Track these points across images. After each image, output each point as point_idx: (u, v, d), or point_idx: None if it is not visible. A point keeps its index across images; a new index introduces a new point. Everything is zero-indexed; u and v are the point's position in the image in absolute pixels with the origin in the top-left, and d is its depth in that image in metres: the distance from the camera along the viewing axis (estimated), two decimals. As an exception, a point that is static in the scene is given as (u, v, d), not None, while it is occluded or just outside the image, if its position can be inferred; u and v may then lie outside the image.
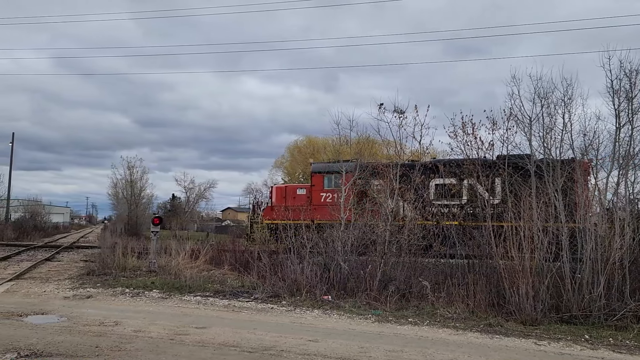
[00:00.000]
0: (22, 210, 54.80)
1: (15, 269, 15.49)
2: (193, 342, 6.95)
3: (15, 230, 35.67)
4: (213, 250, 15.91)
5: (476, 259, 10.47)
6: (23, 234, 34.95)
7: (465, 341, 7.45)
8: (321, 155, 37.44)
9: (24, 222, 43.68)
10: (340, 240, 11.46)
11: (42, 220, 51.77)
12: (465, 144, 11.41)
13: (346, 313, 9.27)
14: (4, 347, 6.42)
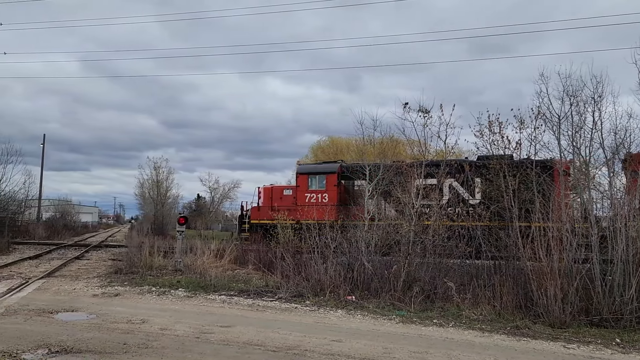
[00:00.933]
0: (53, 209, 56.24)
1: (47, 267, 15.90)
2: (218, 341, 7.02)
3: (47, 229, 36.63)
4: (237, 249, 16.03)
5: (503, 260, 10.31)
6: (54, 233, 35.87)
7: (491, 343, 7.34)
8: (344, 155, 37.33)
9: (55, 222, 44.82)
10: (364, 240, 11.41)
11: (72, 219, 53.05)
12: (492, 143, 11.23)
13: (370, 313, 9.24)
14: (36, 343, 6.60)
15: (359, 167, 20.86)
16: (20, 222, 34.27)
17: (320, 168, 21.49)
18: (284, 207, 21.30)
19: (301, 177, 21.49)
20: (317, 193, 20.76)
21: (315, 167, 21.57)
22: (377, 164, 19.10)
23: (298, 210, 20.66)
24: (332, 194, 20.43)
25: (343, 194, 20.65)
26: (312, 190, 20.96)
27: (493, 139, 11.18)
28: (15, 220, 32.03)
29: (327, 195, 20.53)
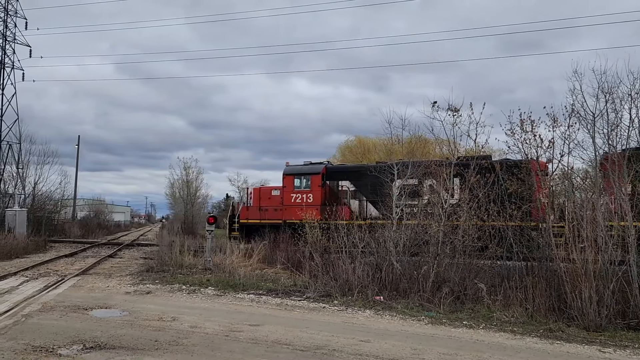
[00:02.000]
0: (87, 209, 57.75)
1: (81, 265, 16.34)
2: (247, 339, 7.08)
3: (81, 228, 37.65)
4: (266, 249, 16.14)
5: (535, 261, 10.08)
6: (88, 231, 36.84)
7: (523, 346, 7.19)
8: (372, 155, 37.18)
9: (89, 221, 46.02)
10: (392, 240, 11.34)
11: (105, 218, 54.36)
12: (524, 142, 10.97)
13: (398, 314, 9.17)
14: (71, 339, 6.78)
15: (344, 168, 21.31)
16: (57, 221, 35.28)
17: (306, 169, 22.06)
18: (272, 207, 22.01)
19: (287, 178, 21.90)
20: (302, 193, 21.26)
21: (301, 168, 22.24)
22: (363, 164, 19.63)
23: (285, 210, 21.31)
24: (316, 194, 20.93)
25: (328, 194, 21.07)
26: (298, 191, 21.42)
27: (525, 138, 10.92)
28: (51, 219, 32.99)
29: (311, 195, 21.03)
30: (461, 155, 14.07)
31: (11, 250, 18.65)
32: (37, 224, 27.30)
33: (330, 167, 21.92)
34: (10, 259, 17.57)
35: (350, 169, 21.96)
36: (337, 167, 22.00)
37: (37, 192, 31.22)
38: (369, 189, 19.91)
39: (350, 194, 21.01)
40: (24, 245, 20.60)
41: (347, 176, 21.19)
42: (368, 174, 19.85)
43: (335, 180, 21.30)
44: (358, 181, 20.72)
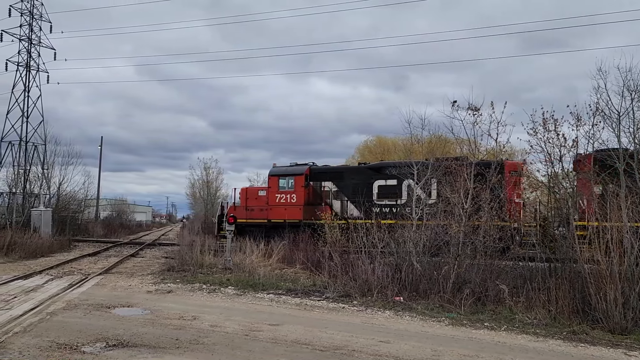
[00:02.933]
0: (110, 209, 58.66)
1: (104, 264, 16.61)
2: (266, 339, 7.11)
3: (104, 228, 38.26)
4: (285, 249, 16.19)
5: (558, 262, 9.91)
6: (110, 231, 37.43)
7: (546, 348, 7.08)
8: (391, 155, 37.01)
9: (112, 220, 46.73)
10: (412, 240, 11.26)
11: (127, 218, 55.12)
12: (546, 141, 10.79)
13: (418, 315, 9.10)
14: (95, 337, 6.90)
15: (327, 169, 22.56)
16: (80, 220, 35.94)
17: (290, 170, 22.68)
18: (258, 207, 22.65)
19: (272, 179, 22.52)
20: (286, 193, 21.92)
21: (285, 170, 22.89)
22: (345, 166, 20.36)
23: (270, 209, 22.07)
24: (299, 194, 21.57)
25: (311, 194, 21.69)
26: (282, 191, 22.05)
27: (548, 137, 10.75)
28: (75, 218, 33.62)
29: (295, 195, 21.69)
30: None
31: (37, 249, 19.05)
32: (62, 224, 27.84)
33: (314, 168, 22.56)
34: (35, 258, 17.95)
35: (332, 170, 22.68)
36: (320, 169, 22.73)
37: (62, 192, 31.85)
38: (350, 189, 20.84)
39: (333, 194, 21.66)
40: (49, 244, 21.02)
41: (330, 177, 21.93)
42: (349, 175, 21.27)
43: (318, 181, 21.95)
44: (340, 182, 21.47)
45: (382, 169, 20.25)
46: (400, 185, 19.46)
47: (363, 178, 20.64)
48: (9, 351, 6.09)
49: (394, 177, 19.15)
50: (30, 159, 32.82)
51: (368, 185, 20.34)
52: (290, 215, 21.54)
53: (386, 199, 19.92)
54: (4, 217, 28.05)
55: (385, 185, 20.07)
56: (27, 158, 32.74)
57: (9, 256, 17.31)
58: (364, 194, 19.86)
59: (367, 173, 20.84)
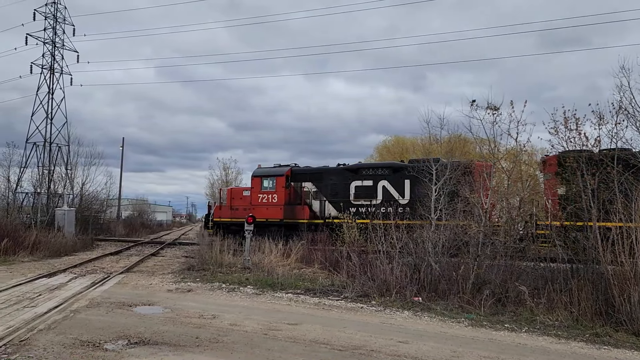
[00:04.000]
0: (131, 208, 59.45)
1: (126, 263, 16.87)
2: (285, 338, 7.14)
3: (126, 227, 38.80)
4: (303, 248, 16.24)
5: (580, 263, 9.75)
6: (132, 230, 37.96)
7: (568, 351, 6.98)
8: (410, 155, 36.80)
9: (133, 220, 47.34)
10: (431, 241, 11.20)
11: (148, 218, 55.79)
12: (568, 140, 10.61)
13: (437, 315, 9.05)
14: (117, 334, 7.01)
15: (307, 170, 23.43)
16: (102, 220, 36.50)
17: (272, 171, 23.56)
18: (242, 206, 23.55)
19: (255, 180, 23.41)
20: (268, 194, 22.88)
21: (267, 171, 23.77)
22: (324, 167, 23.10)
23: (253, 209, 22.61)
24: (280, 194, 22.53)
25: (292, 194, 22.55)
26: (264, 191, 22.98)
27: (569, 136, 10.57)
28: (98, 218, 34.17)
29: (276, 195, 22.67)
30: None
31: (60, 248, 19.42)
32: (84, 223, 28.31)
33: (295, 169, 23.32)
34: (59, 257, 18.31)
35: (312, 172, 23.27)
36: (301, 170, 23.52)
37: (85, 192, 32.38)
38: (329, 189, 21.87)
39: (312, 194, 22.36)
40: (72, 243, 21.42)
41: (309, 178, 22.66)
42: (327, 176, 22.20)
43: (299, 182, 22.70)
44: (319, 182, 22.25)
45: (359, 170, 21.27)
46: (375, 186, 20.46)
47: (341, 179, 21.60)
48: (34, 348, 6.23)
49: (369, 178, 20.56)
50: (54, 160, 33.46)
51: (345, 185, 21.26)
52: (271, 215, 22.49)
53: (362, 199, 20.80)
54: (29, 217, 28.64)
55: (361, 186, 20.95)
56: (51, 159, 33.38)
57: (34, 255, 17.68)
58: (342, 194, 21.08)
59: (344, 174, 21.68)
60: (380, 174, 20.59)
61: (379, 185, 20.43)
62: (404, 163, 20.67)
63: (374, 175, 20.62)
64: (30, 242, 18.22)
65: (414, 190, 18.64)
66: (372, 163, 21.26)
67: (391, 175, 20.36)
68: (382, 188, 20.34)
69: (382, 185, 20.33)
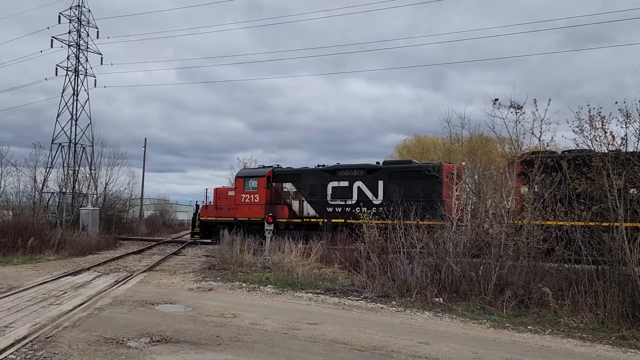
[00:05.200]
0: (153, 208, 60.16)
1: (148, 262, 17.09)
2: (305, 337, 7.15)
3: (148, 227, 39.29)
4: (323, 248, 16.23)
5: (606, 264, 9.54)
6: (154, 229, 38.42)
7: (593, 354, 6.84)
8: (430, 154, 36.53)
9: (155, 219, 47.86)
10: (452, 241, 11.09)
11: (170, 217, 56.37)
12: (593, 139, 10.38)
13: (459, 316, 8.96)
14: (139, 332, 7.11)
15: (288, 171, 24.36)
16: (125, 219, 37.02)
17: (254, 172, 24.78)
18: (227, 206, 24.59)
19: (239, 180, 24.53)
20: (251, 194, 23.87)
21: (250, 171, 25.03)
22: (304, 168, 24.09)
23: (236, 208, 24.00)
24: (262, 194, 23.56)
25: (273, 194, 23.52)
26: (247, 192, 23.97)
27: (595, 135, 10.34)
28: (121, 217, 34.69)
29: (258, 195, 23.68)
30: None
31: (85, 247, 19.79)
32: (108, 222, 28.77)
33: (277, 170, 24.26)
34: (84, 255, 18.65)
35: (292, 173, 24.14)
36: (282, 171, 24.42)
37: (108, 192, 32.90)
38: (307, 190, 22.71)
39: (292, 195, 23.25)
40: (96, 242, 21.80)
41: (290, 179, 23.61)
42: (306, 177, 23.10)
43: (280, 182, 23.62)
44: (298, 183, 23.13)
45: (335, 172, 22.16)
46: (351, 187, 21.36)
47: (319, 180, 22.48)
48: (60, 345, 6.36)
49: (346, 179, 21.51)
50: (78, 160, 34.11)
51: (323, 186, 22.13)
52: (253, 214, 23.47)
53: (339, 199, 21.65)
54: (55, 216, 29.23)
55: (338, 187, 21.84)
56: (76, 159, 34.04)
57: (60, 253, 18.03)
58: (320, 195, 22.02)
59: (322, 175, 22.55)
60: (355, 175, 21.51)
61: (354, 185, 21.34)
62: (379, 165, 21.64)
63: (350, 177, 21.57)
64: (56, 241, 18.59)
65: (387, 191, 20.07)
66: (348, 164, 22.17)
67: (366, 176, 21.22)
68: (357, 189, 21.20)
69: (357, 185, 21.21)
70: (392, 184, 20.13)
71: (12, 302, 9.08)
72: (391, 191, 19.54)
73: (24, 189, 28.97)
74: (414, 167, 20.94)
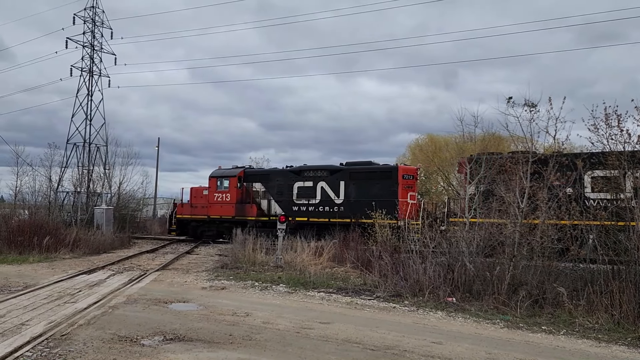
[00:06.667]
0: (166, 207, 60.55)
1: (161, 261, 17.22)
2: (317, 337, 7.15)
3: (161, 226, 39.48)
4: (336, 247, 16.22)
5: (622, 264, 9.42)
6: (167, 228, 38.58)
7: (609, 354, 6.75)
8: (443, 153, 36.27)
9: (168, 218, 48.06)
10: (465, 240, 11.02)
11: (183, 217, 56.53)
12: (609, 137, 10.24)
13: (472, 316, 8.90)
14: (153, 330, 7.17)
15: (258, 172, 25.76)
16: (139, 218, 37.32)
17: (226, 172, 25.73)
18: (201, 204, 25.84)
19: (212, 180, 25.64)
20: (222, 193, 25.06)
21: (222, 172, 25.93)
22: (272, 169, 25.63)
23: (209, 207, 25.27)
24: (232, 194, 24.70)
25: (244, 194, 24.64)
26: (220, 191, 25.15)
27: (610, 133, 10.21)
28: (134, 216, 34.97)
29: (229, 195, 24.83)
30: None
31: (99, 246, 19.98)
32: (122, 221, 29.02)
33: (248, 170, 25.66)
34: (98, 254, 18.84)
35: (261, 173, 25.56)
36: (252, 171, 25.95)
37: (122, 191, 33.19)
38: (275, 190, 23.87)
39: (261, 194, 24.51)
40: (110, 241, 21.98)
41: (259, 179, 24.88)
42: (274, 177, 24.20)
43: (250, 182, 24.86)
44: (267, 183, 24.37)
45: (301, 172, 23.20)
46: (315, 187, 22.34)
47: (286, 180, 23.51)
48: (74, 342, 6.43)
49: (310, 179, 22.56)
50: (93, 160, 34.39)
51: (289, 186, 23.15)
52: (224, 212, 24.82)
53: (304, 198, 22.63)
54: (70, 215, 29.57)
55: (303, 187, 22.83)
56: (91, 159, 34.32)
57: (74, 252, 18.23)
58: (286, 194, 23.12)
59: (289, 175, 23.59)
60: (319, 175, 22.54)
61: (318, 186, 22.30)
62: (342, 166, 22.58)
63: (314, 177, 22.59)
64: (71, 240, 18.79)
65: (347, 191, 21.36)
66: (313, 165, 23.41)
67: (329, 177, 22.17)
68: (321, 189, 22.23)
69: (321, 186, 22.23)
70: (352, 184, 21.39)
71: (28, 300, 9.20)
72: (351, 191, 21.27)
73: (39, 189, 29.40)
74: (372, 168, 21.92)
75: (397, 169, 20.71)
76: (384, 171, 21.14)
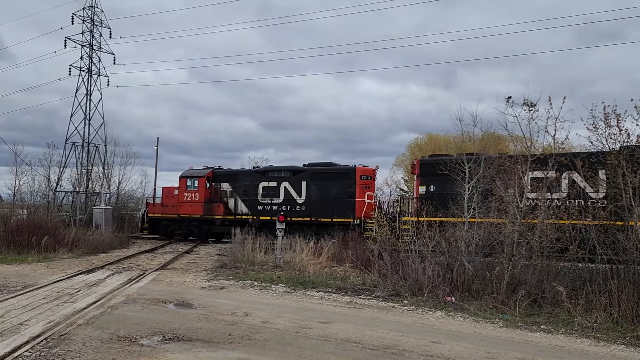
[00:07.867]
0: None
1: (160, 260, 17.22)
2: (316, 336, 7.16)
3: (160, 226, 39.48)
4: (335, 247, 16.23)
5: (620, 264, 9.43)
6: (166, 228, 38.53)
7: (607, 354, 6.76)
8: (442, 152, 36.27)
9: (167, 218, 48.00)
10: (464, 240, 11.03)
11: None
12: (608, 137, 10.26)
13: (471, 316, 8.91)
14: (152, 330, 7.17)
15: (225, 172, 26.24)
16: (138, 218, 37.30)
17: (195, 173, 26.64)
18: (171, 203, 26.81)
19: (182, 180, 26.67)
20: (191, 193, 26.03)
21: (192, 172, 26.87)
22: (240, 169, 26.40)
23: (179, 206, 26.21)
24: (201, 193, 25.68)
25: (212, 193, 25.55)
26: (189, 191, 26.13)
27: (609, 133, 10.22)
28: (133, 216, 34.94)
29: (197, 194, 25.79)
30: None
31: (98, 246, 19.95)
32: (121, 221, 28.97)
33: (217, 171, 26.32)
34: (97, 254, 18.82)
35: (229, 173, 26.24)
36: (221, 171, 26.41)
37: (121, 191, 33.16)
38: (242, 189, 24.66)
39: (228, 194, 25.30)
40: (109, 240, 21.97)
41: (227, 179, 25.65)
42: (241, 177, 25.01)
43: (218, 182, 25.66)
44: (234, 183, 25.20)
45: (266, 173, 24.15)
46: (279, 187, 23.13)
47: (252, 180, 24.33)
48: (73, 342, 6.43)
49: (274, 180, 23.33)
50: (92, 160, 34.35)
51: (255, 186, 23.90)
52: (193, 211, 25.80)
53: (268, 198, 23.44)
54: (68, 215, 29.53)
55: (267, 187, 23.61)
56: (89, 158, 34.29)
57: (73, 252, 18.21)
58: (252, 194, 23.87)
59: (254, 176, 24.44)
60: (282, 176, 23.33)
61: (281, 186, 23.07)
62: (304, 167, 23.26)
63: (278, 177, 23.39)
64: (70, 240, 18.76)
65: (308, 191, 22.15)
66: (277, 166, 24.52)
67: (291, 177, 22.90)
68: (284, 189, 22.97)
69: (284, 186, 22.98)
70: (313, 184, 22.16)
71: (27, 300, 9.19)
72: (312, 191, 22.09)
73: (38, 188, 29.33)
74: (331, 169, 22.64)
75: (355, 169, 21.43)
76: (343, 172, 21.89)
